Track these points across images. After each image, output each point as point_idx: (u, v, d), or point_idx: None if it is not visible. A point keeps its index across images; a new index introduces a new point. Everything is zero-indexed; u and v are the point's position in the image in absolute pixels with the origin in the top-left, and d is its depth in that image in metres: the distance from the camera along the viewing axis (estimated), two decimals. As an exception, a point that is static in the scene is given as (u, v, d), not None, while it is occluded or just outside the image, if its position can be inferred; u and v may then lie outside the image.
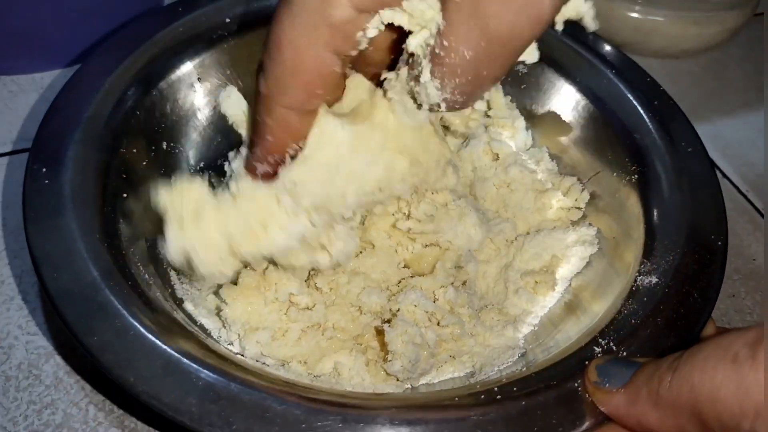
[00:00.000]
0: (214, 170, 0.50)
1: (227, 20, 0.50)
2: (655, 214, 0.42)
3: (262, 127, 0.33)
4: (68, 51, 0.59)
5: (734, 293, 0.52)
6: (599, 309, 0.40)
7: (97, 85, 0.44)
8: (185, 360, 0.33)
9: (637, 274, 0.39)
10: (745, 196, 0.59)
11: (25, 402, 0.40)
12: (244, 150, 0.37)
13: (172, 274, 0.43)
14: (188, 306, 0.41)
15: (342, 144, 0.34)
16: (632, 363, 0.32)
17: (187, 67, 0.48)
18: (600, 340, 0.36)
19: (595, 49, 0.50)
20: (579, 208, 0.49)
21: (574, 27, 0.51)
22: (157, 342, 0.33)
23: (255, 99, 0.33)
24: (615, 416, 0.32)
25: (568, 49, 0.51)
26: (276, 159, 0.35)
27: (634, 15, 0.66)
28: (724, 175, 0.61)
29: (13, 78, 0.59)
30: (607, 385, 0.32)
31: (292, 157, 0.34)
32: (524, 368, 0.37)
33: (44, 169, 0.39)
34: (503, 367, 0.40)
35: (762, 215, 0.57)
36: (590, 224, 0.47)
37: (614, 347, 0.35)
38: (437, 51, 0.29)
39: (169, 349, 0.33)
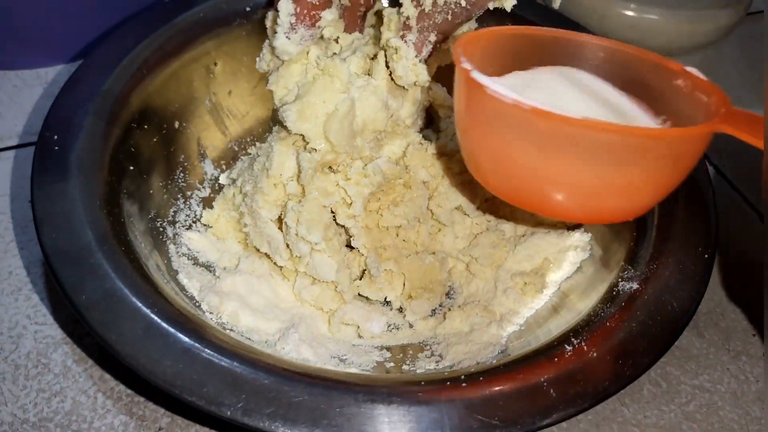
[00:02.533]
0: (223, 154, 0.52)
1: (248, 8, 0.52)
2: (646, 223, 0.43)
3: None
4: (72, 46, 0.60)
5: (727, 287, 0.52)
6: (582, 307, 0.41)
7: (115, 62, 0.46)
8: (165, 324, 0.34)
9: (619, 279, 0.40)
10: (739, 191, 0.59)
11: (35, 390, 0.41)
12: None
13: (170, 246, 0.44)
14: (182, 278, 0.43)
15: None
16: None
17: (205, 50, 0.50)
18: (572, 338, 0.36)
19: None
20: None
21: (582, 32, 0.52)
22: (141, 305, 0.35)
23: None
24: None
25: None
26: None
27: (629, 13, 0.66)
28: (718, 171, 0.61)
29: (17, 73, 0.60)
30: None
31: None
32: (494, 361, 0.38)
33: (55, 137, 0.41)
34: (481, 361, 0.41)
35: (755, 209, 0.58)
36: (585, 230, 0.48)
37: (585, 347, 0.35)
38: None
39: (151, 313, 0.34)
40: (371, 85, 0.43)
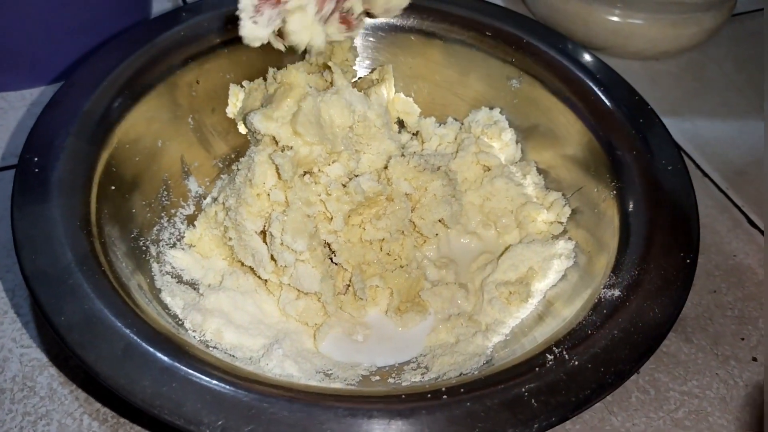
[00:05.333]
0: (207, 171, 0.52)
1: (229, 26, 0.52)
2: (629, 229, 0.42)
3: None
4: (55, 67, 0.60)
5: (715, 289, 0.52)
6: (568, 314, 0.40)
7: (97, 82, 0.46)
8: (144, 344, 0.34)
9: (602, 286, 0.40)
10: (725, 194, 0.59)
11: (20, 414, 0.41)
12: None
13: (154, 265, 0.44)
14: (165, 296, 0.43)
15: None
16: None
17: (187, 69, 0.50)
18: (554, 348, 0.36)
19: (585, 66, 0.51)
20: (561, 223, 0.49)
21: (565, 43, 0.52)
22: (120, 325, 0.35)
23: None
24: None
25: (558, 65, 0.51)
26: None
27: (614, 19, 0.67)
28: (704, 174, 0.61)
29: (1, 95, 0.60)
30: None
31: None
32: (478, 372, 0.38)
33: (36, 158, 0.41)
34: (466, 372, 0.41)
35: (742, 212, 0.58)
36: (569, 238, 0.48)
37: (566, 356, 0.35)
38: None
39: (130, 333, 0.34)
40: (331, 90, 0.45)
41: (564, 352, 0.35)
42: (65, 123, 0.43)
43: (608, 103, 0.49)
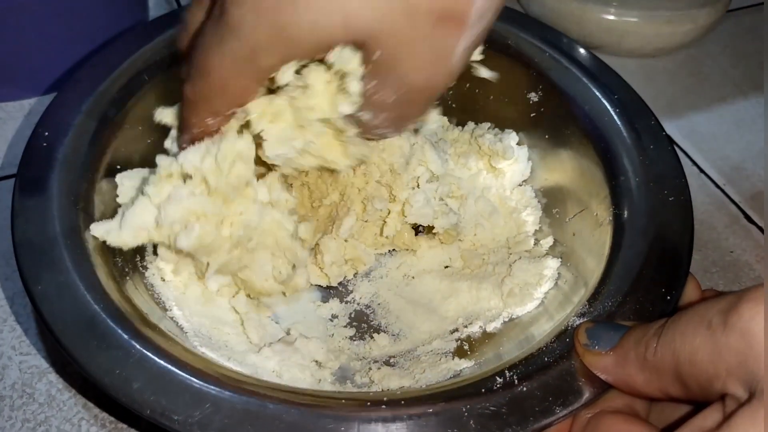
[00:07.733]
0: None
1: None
2: (616, 259, 0.41)
3: (188, 122, 0.38)
4: (50, 77, 0.61)
5: (712, 286, 0.51)
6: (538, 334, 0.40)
7: (117, 64, 0.48)
8: (109, 320, 0.35)
9: (572, 314, 0.39)
10: (722, 190, 0.60)
11: (20, 420, 0.42)
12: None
13: (147, 245, 0.46)
14: (150, 275, 0.44)
15: None
16: (620, 327, 0.35)
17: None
18: (506, 371, 0.35)
19: (605, 84, 0.49)
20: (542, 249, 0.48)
21: (579, 58, 0.51)
22: (90, 299, 0.36)
23: (183, 98, 0.37)
24: (603, 377, 0.34)
25: (577, 82, 0.50)
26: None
27: (609, 17, 0.67)
28: (701, 170, 0.61)
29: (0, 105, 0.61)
30: (596, 347, 0.34)
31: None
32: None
33: (46, 133, 0.43)
34: (432, 383, 0.40)
35: (740, 208, 0.58)
36: (561, 261, 0.47)
37: (516, 380, 0.35)
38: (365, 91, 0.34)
39: (97, 308, 0.36)
40: None
41: (515, 377, 0.35)
42: (80, 101, 0.45)
43: (623, 131, 0.47)
